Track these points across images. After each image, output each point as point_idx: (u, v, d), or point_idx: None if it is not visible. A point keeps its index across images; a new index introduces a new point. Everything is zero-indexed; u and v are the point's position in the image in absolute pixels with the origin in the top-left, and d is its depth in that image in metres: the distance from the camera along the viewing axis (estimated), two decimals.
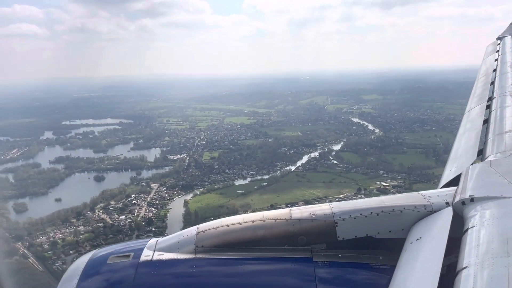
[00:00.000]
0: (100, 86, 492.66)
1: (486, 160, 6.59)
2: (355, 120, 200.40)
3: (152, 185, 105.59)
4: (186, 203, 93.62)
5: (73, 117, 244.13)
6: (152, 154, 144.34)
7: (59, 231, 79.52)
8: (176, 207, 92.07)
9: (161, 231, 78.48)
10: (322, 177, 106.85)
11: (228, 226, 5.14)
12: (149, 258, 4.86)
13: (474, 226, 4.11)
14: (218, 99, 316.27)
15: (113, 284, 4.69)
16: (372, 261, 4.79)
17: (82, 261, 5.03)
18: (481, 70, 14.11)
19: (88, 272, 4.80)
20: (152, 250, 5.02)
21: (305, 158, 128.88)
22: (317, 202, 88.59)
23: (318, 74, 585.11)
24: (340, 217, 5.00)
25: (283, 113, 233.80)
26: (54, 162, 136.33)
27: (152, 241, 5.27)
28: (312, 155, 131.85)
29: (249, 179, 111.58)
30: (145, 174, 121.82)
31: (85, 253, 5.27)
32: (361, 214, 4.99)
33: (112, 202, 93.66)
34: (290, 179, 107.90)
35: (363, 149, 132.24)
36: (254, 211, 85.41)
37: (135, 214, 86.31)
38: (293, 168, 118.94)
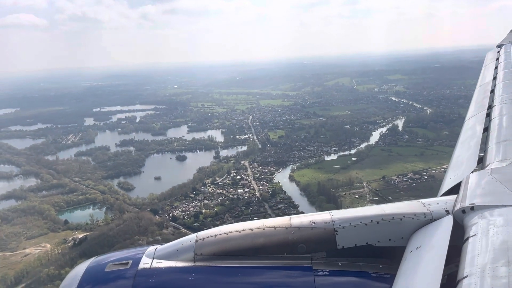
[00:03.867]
0: (104, 75, 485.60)
1: (486, 168, 6.50)
2: (394, 98, 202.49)
3: (243, 162, 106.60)
4: (291, 177, 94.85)
5: (100, 104, 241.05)
6: (213, 135, 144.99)
7: (187, 205, 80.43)
8: (283, 181, 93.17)
9: (288, 201, 79.97)
10: (409, 151, 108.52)
11: (227, 234, 5.08)
12: (147, 266, 4.82)
13: (475, 235, 4.07)
14: (236, 83, 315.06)
15: None
16: (372, 270, 4.73)
17: (80, 269, 4.95)
18: (481, 77, 13.92)
19: (86, 280, 4.74)
20: (151, 257, 4.97)
21: (375, 134, 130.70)
22: (425, 174, 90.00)
23: (320, 59, 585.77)
24: (340, 225, 4.96)
25: (314, 94, 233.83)
26: (120, 145, 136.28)
27: (151, 248, 5.22)
28: (383, 131, 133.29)
29: (333, 154, 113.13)
30: (222, 153, 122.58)
31: (83, 260, 5.34)
32: (361, 222, 4.96)
33: (217, 178, 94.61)
34: (378, 153, 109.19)
35: (428, 124, 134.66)
36: (369, 182, 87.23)
37: (251, 188, 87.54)
38: (372, 143, 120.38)
